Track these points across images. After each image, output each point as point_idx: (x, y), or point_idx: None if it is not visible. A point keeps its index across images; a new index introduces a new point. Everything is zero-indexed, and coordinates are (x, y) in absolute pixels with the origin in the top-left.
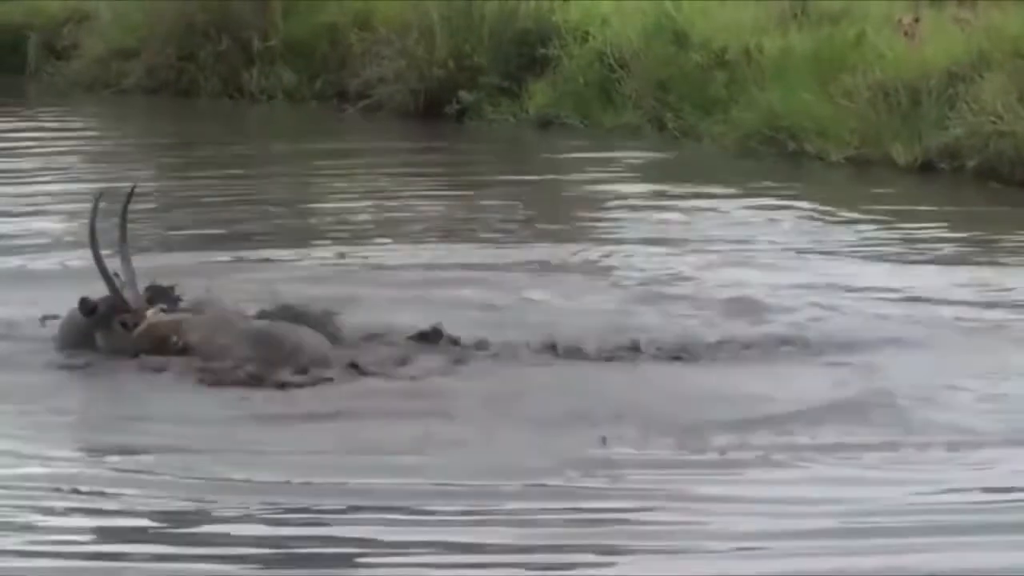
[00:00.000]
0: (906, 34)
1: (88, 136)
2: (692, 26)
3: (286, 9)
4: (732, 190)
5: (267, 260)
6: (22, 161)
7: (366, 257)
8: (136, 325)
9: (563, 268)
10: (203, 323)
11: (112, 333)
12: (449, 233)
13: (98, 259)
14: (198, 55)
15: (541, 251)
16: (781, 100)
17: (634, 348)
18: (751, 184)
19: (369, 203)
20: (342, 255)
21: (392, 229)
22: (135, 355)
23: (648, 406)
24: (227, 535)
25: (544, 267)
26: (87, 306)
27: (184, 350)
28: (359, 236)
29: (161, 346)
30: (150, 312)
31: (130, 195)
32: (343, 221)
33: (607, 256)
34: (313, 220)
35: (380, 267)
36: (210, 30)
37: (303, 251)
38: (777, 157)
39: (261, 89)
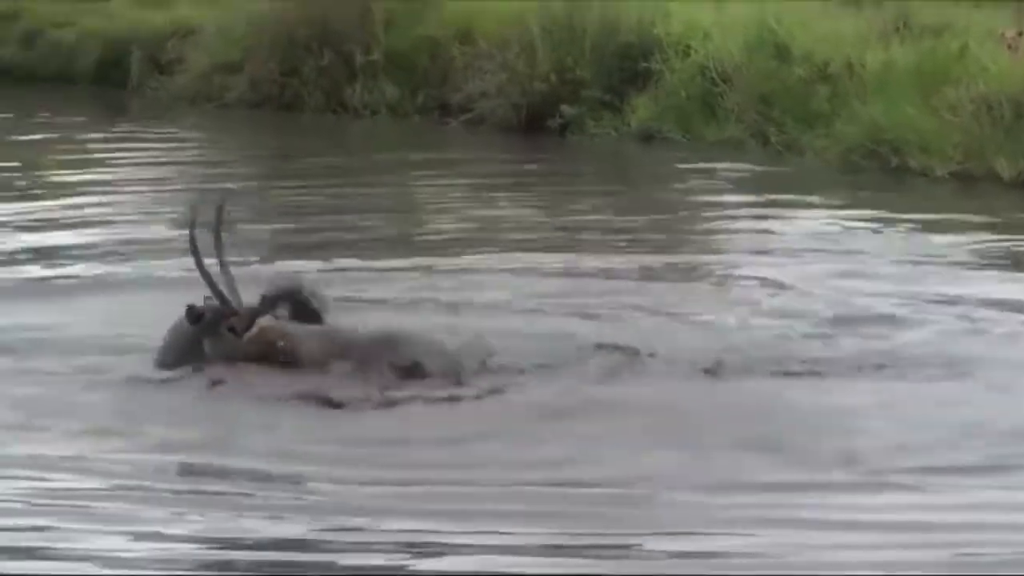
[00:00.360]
0: (1009, 47)
1: (191, 149)
2: (794, 40)
3: (388, 23)
4: (836, 204)
5: (369, 269)
6: (126, 172)
7: (470, 266)
8: (245, 330)
9: (666, 279)
10: (313, 330)
11: (221, 339)
12: (553, 242)
13: (200, 266)
14: (301, 69)
15: (645, 261)
16: (884, 114)
17: (735, 361)
18: (855, 198)
19: (471, 213)
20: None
21: (494, 238)
22: (243, 360)
23: (746, 423)
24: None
25: (647, 277)
26: (194, 314)
27: (291, 356)
28: (460, 245)
29: (269, 351)
30: (260, 318)
31: (222, 204)
32: (443, 231)
33: (711, 267)
34: (417, 230)
35: (482, 274)
36: (313, 44)
37: (403, 261)
38: (880, 171)
39: (364, 103)
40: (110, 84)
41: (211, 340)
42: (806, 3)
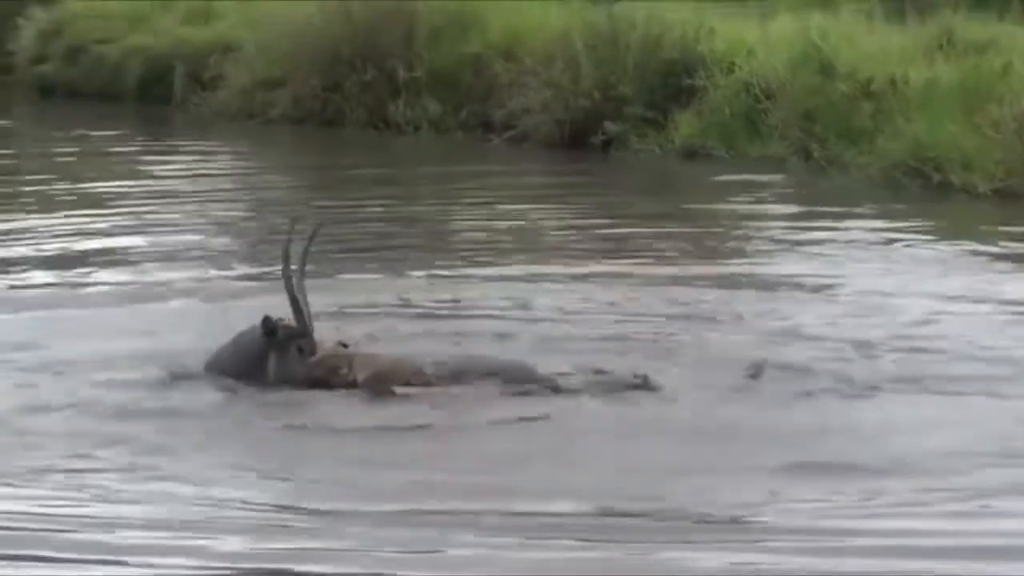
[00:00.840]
0: None
1: (237, 165)
2: (838, 56)
3: (431, 39)
4: (880, 219)
5: (414, 277)
6: (167, 185)
7: (514, 276)
8: (312, 353)
9: (710, 292)
10: (377, 358)
11: (287, 357)
12: (596, 253)
13: (288, 280)
14: (343, 85)
15: (688, 273)
16: (927, 131)
17: (778, 378)
18: (898, 213)
19: (514, 225)
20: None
21: (538, 249)
22: (304, 382)
23: (790, 443)
24: None
25: (691, 289)
26: (269, 324)
27: (353, 384)
28: (504, 256)
29: (332, 376)
30: (328, 344)
31: (315, 233)
32: (486, 242)
33: (754, 281)
34: (459, 240)
35: (526, 283)
36: (355, 60)
37: (448, 271)
38: (922, 188)
39: (406, 119)
40: (154, 100)
41: (278, 355)
42: (850, 20)
